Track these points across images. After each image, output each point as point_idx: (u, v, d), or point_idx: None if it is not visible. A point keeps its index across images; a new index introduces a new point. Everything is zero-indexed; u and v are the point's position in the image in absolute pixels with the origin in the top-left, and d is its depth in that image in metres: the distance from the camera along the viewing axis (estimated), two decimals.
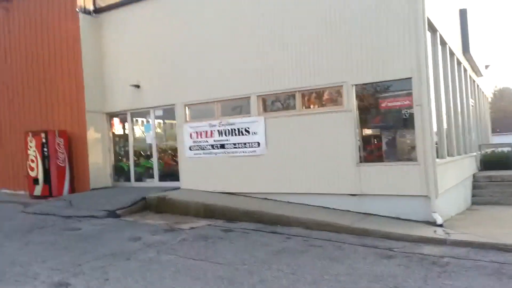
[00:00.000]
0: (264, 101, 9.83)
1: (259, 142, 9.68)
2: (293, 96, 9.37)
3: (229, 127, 10.17)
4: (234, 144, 10.08)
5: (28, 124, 13.46)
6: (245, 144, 9.93)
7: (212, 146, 10.45)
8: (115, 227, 7.78)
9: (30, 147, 12.07)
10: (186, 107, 11.01)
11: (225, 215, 8.53)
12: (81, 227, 7.83)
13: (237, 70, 9.97)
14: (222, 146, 10.28)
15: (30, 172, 12.14)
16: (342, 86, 8.63)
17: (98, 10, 12.47)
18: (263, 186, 9.62)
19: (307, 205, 8.85)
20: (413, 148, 8.07)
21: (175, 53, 11.05)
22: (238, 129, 10.02)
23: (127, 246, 6.35)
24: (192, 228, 7.71)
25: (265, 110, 9.82)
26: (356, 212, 8.22)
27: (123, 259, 5.65)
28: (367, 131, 9.20)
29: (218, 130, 10.34)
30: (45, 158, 11.84)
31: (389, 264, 5.30)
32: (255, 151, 9.78)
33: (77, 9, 12.00)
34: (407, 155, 8.29)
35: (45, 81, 13.01)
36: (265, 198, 9.51)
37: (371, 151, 9.01)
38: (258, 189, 9.68)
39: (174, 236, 7.01)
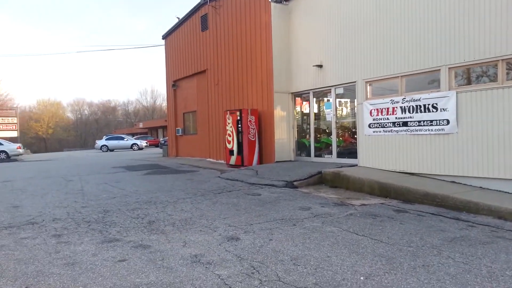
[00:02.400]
0: (456, 74, 8.61)
1: (449, 119, 8.60)
2: (495, 66, 7.89)
3: (414, 104, 9.38)
4: (419, 121, 9.26)
5: (227, 104, 15.57)
6: (431, 121, 9.00)
7: (394, 123, 9.85)
8: (289, 196, 8.26)
9: (228, 123, 13.90)
10: (367, 84, 10.69)
11: (402, 195, 7.95)
12: (261, 193, 8.63)
13: (424, 40, 9.04)
14: (405, 124, 9.58)
15: (227, 144, 14.04)
16: None
17: None
18: (449, 168, 8.57)
19: (506, 192, 7.44)
20: None
21: (358, 31, 10.81)
22: (424, 105, 9.14)
23: (296, 214, 6.67)
24: (362, 204, 7.50)
25: (457, 84, 8.61)
26: None
27: (290, 225, 5.96)
28: None
29: (401, 107, 9.68)
30: (239, 133, 13.46)
31: None
32: (443, 129, 8.75)
33: None
34: None
35: (242, 66, 14.69)
36: (453, 182, 8.45)
37: None
38: (443, 171, 8.69)
39: (342, 210, 6.97)
